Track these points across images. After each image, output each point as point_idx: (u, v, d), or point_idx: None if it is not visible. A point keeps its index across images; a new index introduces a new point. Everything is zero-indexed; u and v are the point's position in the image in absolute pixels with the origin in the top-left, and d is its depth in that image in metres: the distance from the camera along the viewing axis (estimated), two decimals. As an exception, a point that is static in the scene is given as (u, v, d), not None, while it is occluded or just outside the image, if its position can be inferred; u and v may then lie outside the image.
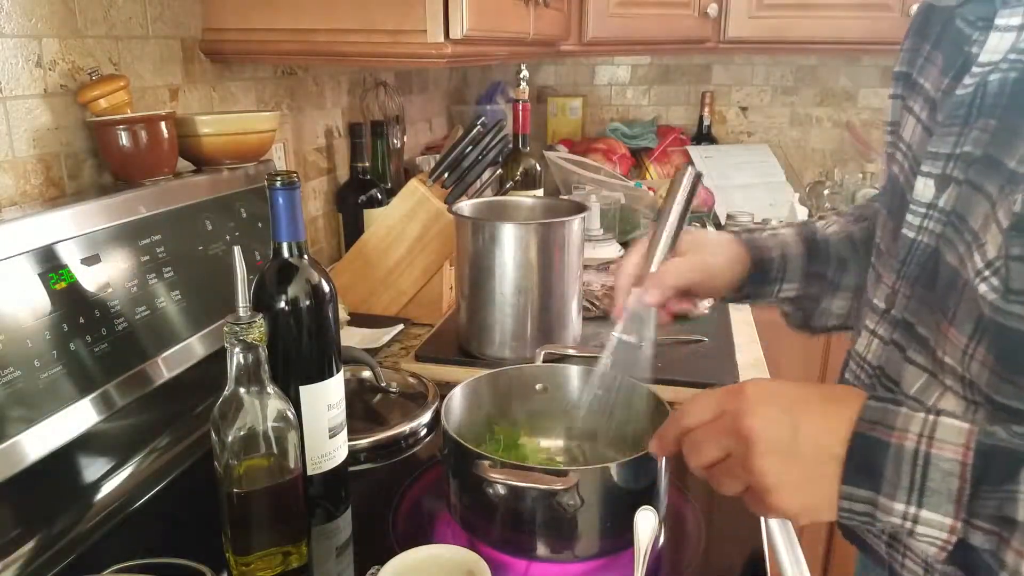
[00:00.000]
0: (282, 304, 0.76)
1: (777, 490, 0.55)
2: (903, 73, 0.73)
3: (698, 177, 0.78)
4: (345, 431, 0.84)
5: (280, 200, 0.74)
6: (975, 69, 0.58)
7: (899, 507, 0.52)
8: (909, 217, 0.64)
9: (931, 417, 0.53)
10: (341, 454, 0.83)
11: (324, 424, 0.80)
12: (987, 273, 0.54)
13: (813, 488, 0.54)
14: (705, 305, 1.44)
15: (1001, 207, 0.53)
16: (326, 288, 0.78)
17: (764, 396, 0.56)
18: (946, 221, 0.60)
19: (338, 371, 0.81)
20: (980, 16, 0.60)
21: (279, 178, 0.74)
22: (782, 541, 0.93)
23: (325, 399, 0.80)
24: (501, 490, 0.73)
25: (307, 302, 0.77)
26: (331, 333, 0.80)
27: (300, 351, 0.78)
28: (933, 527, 0.51)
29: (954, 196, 0.60)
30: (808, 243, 0.85)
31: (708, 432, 0.58)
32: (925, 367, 0.62)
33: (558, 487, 0.71)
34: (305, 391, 0.78)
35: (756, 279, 0.83)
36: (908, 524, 0.52)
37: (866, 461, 0.52)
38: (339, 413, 0.82)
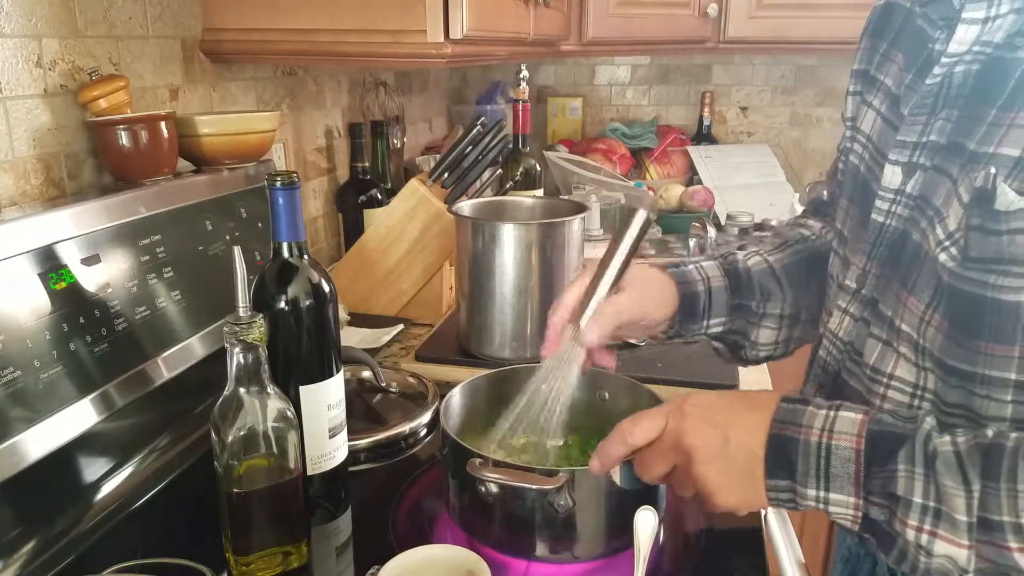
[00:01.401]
0: (282, 304, 0.76)
1: (718, 492, 0.64)
2: (862, 70, 0.78)
3: (648, 222, 0.79)
4: (345, 431, 0.84)
5: (280, 200, 0.74)
6: (944, 60, 0.62)
7: (811, 492, 0.60)
8: (878, 203, 0.68)
9: (831, 413, 0.61)
10: (341, 454, 0.83)
11: (324, 424, 0.80)
12: (947, 243, 0.59)
13: (746, 485, 0.63)
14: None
15: (962, 184, 0.59)
16: (326, 288, 0.79)
17: (698, 413, 0.65)
18: (913, 205, 0.65)
19: (338, 371, 0.81)
20: (942, 16, 0.64)
21: (279, 178, 0.74)
22: (782, 541, 0.93)
23: (325, 399, 0.80)
24: (495, 489, 0.73)
25: (307, 302, 0.77)
26: (331, 333, 0.80)
27: (300, 351, 0.78)
28: (840, 506, 0.60)
29: (920, 181, 0.64)
30: (730, 275, 0.86)
31: (655, 452, 0.67)
32: (881, 338, 0.68)
33: (548, 487, 0.71)
34: (305, 391, 0.78)
35: (685, 315, 0.84)
36: (821, 505, 0.61)
37: (782, 457, 0.61)
38: (339, 413, 0.82)
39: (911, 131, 0.65)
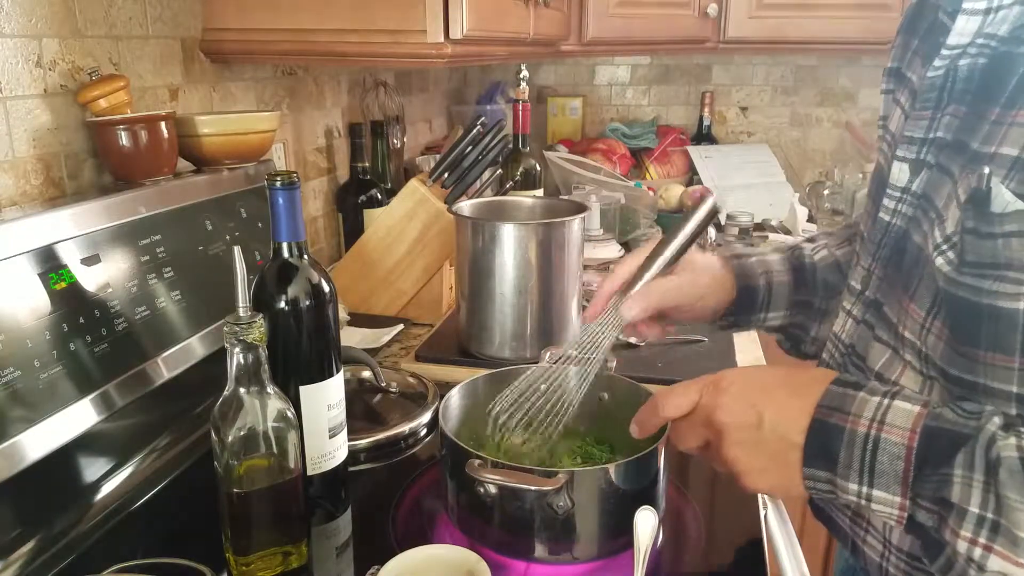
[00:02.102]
0: (282, 304, 0.76)
1: (747, 474, 0.61)
2: (894, 68, 0.75)
3: (716, 210, 0.79)
4: (345, 431, 0.84)
5: (280, 200, 0.74)
6: (944, 52, 0.60)
7: (853, 487, 0.57)
8: (885, 201, 0.67)
9: (885, 401, 0.57)
10: (341, 454, 0.83)
11: (324, 424, 0.80)
12: (944, 247, 0.57)
13: (779, 471, 0.60)
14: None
15: (961, 185, 0.56)
16: (326, 288, 0.79)
17: (735, 390, 0.62)
18: (917, 204, 0.63)
19: (338, 371, 0.81)
20: (955, 7, 0.61)
21: (279, 178, 0.74)
22: (782, 540, 0.93)
23: (325, 399, 0.80)
24: (493, 490, 0.73)
25: (307, 302, 0.77)
26: (331, 333, 0.80)
27: (300, 351, 0.78)
28: (884, 504, 0.56)
29: (925, 180, 0.63)
30: (795, 271, 0.85)
31: (687, 425, 0.65)
32: (889, 343, 0.66)
33: (547, 488, 0.71)
34: (305, 391, 0.78)
35: (741, 307, 0.83)
36: (863, 501, 0.57)
37: (823, 447, 0.57)
38: (339, 413, 0.82)
39: (918, 127, 0.63)
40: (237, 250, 0.70)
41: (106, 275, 0.86)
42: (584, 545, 0.75)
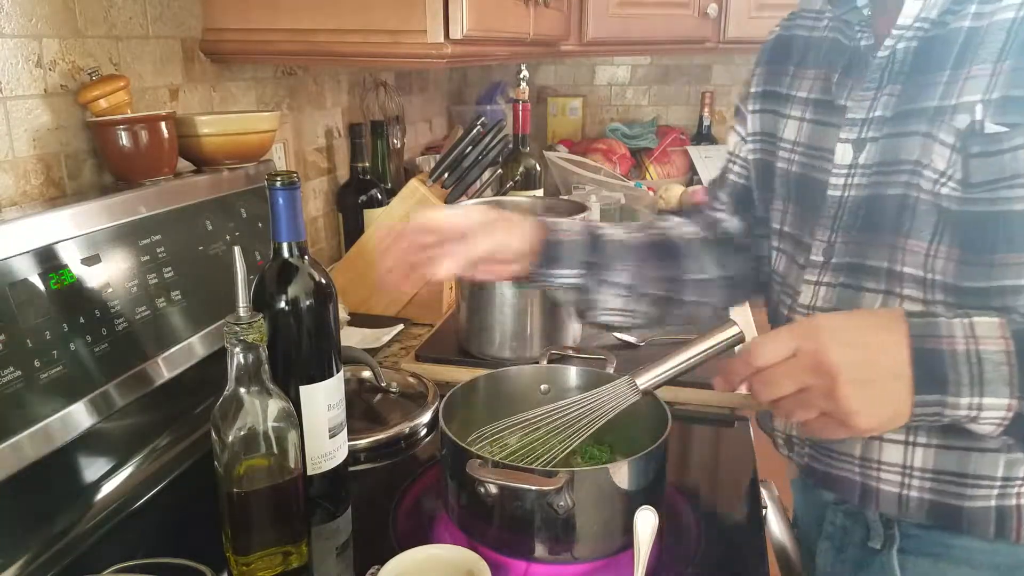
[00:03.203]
0: (282, 304, 0.76)
1: (860, 412, 0.61)
2: (767, 92, 0.90)
3: (740, 340, 0.81)
4: (345, 431, 0.84)
5: (280, 200, 0.74)
6: (894, 31, 0.71)
7: (964, 401, 0.61)
8: (832, 180, 0.77)
9: (964, 320, 0.62)
10: (341, 454, 0.83)
11: (324, 424, 0.80)
12: (943, 180, 0.67)
13: (889, 404, 0.62)
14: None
15: (940, 131, 0.68)
16: (326, 288, 0.79)
17: (836, 334, 0.63)
18: (874, 171, 0.74)
19: (338, 371, 0.81)
20: (861, 20, 0.77)
21: (279, 178, 0.74)
22: (782, 540, 0.93)
23: (325, 399, 0.80)
24: (494, 490, 0.73)
25: (307, 302, 0.77)
26: (331, 333, 0.80)
27: (300, 351, 0.78)
28: (994, 410, 0.61)
29: (875, 151, 0.74)
30: (591, 236, 0.90)
31: (786, 370, 0.64)
32: (879, 289, 0.74)
33: (548, 488, 0.71)
34: (305, 391, 0.78)
35: (545, 259, 0.87)
36: (973, 412, 0.61)
37: (930, 371, 0.61)
38: (339, 413, 0.82)
39: (859, 109, 0.75)
40: (237, 250, 0.70)
41: (106, 275, 0.86)
42: (584, 545, 0.75)
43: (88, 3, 0.97)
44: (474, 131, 1.38)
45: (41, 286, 0.77)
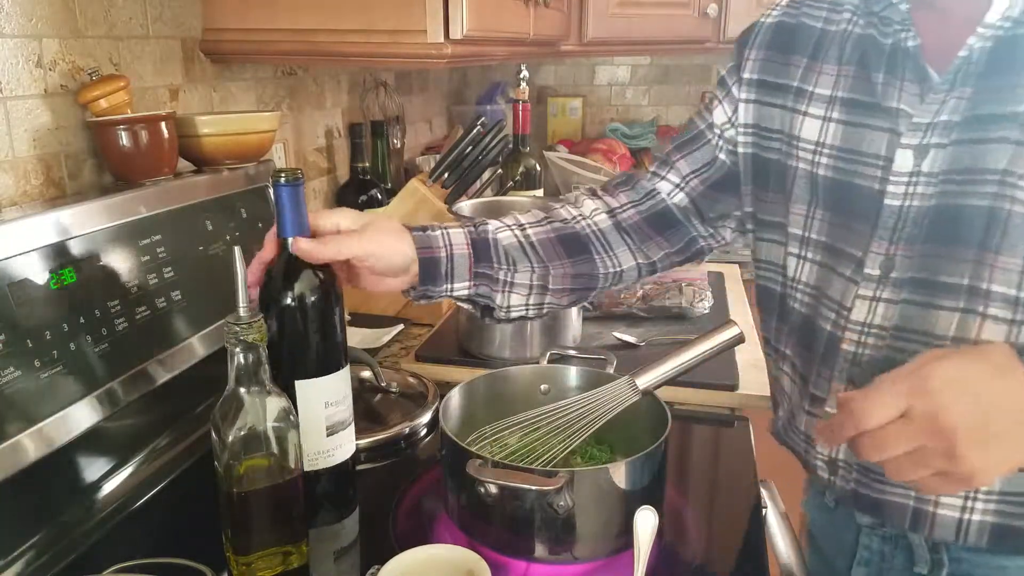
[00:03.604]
0: (288, 300, 0.76)
1: (982, 472, 0.58)
2: (765, 82, 0.84)
3: (740, 340, 0.82)
4: (350, 430, 0.83)
5: (284, 196, 0.74)
6: (980, 29, 0.66)
7: None
8: (891, 188, 0.72)
9: None
10: (342, 453, 0.83)
11: (320, 420, 0.79)
12: None
13: (1013, 454, 0.59)
14: (706, 305, 1.45)
15: None
16: (331, 285, 0.78)
17: (950, 386, 0.58)
18: (942, 180, 0.69)
19: (341, 368, 0.81)
20: (902, 18, 0.72)
21: (283, 174, 0.74)
22: (782, 541, 0.93)
23: (322, 395, 0.79)
24: (494, 490, 0.73)
25: (313, 298, 0.77)
26: (335, 329, 0.80)
27: (302, 346, 0.78)
28: None
29: (943, 158, 0.69)
30: (476, 244, 0.87)
31: (899, 432, 0.60)
32: (956, 307, 0.69)
33: (548, 488, 0.71)
34: (301, 386, 0.78)
35: (426, 277, 0.84)
36: None
37: None
38: (341, 410, 0.81)
39: (925, 112, 0.70)
40: (237, 250, 0.70)
41: (106, 275, 0.86)
42: (584, 545, 0.75)
43: (88, 3, 0.97)
44: (474, 131, 1.38)
45: (41, 286, 0.77)
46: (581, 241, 0.91)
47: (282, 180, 0.74)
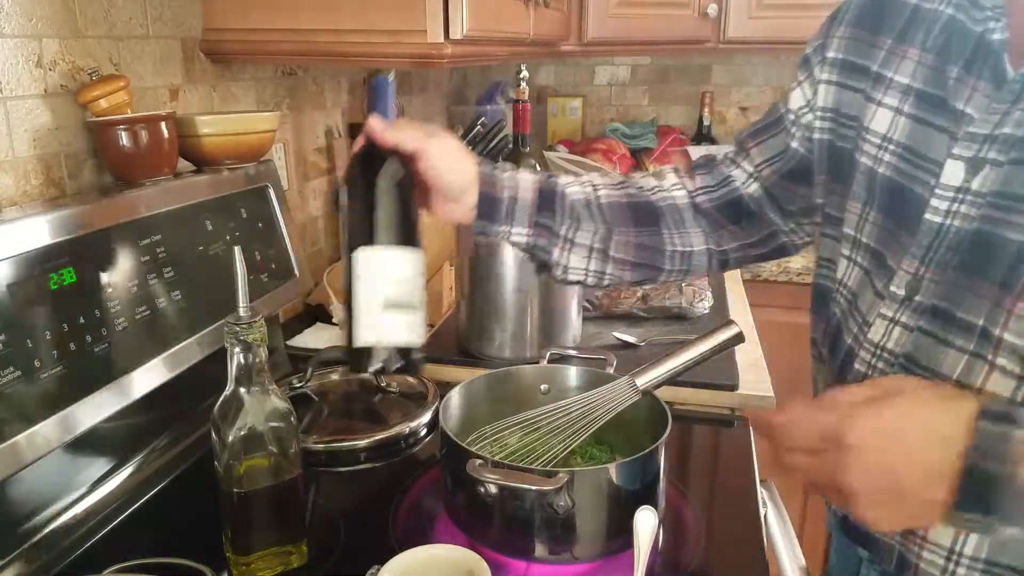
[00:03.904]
0: (361, 173, 0.76)
1: (879, 524, 0.56)
2: (849, 63, 0.75)
3: (740, 339, 0.81)
4: (415, 317, 0.73)
5: (379, 85, 0.78)
6: None
7: (1013, 531, 0.52)
8: (934, 202, 0.64)
9: None
10: (399, 336, 0.71)
11: (378, 292, 0.72)
12: None
13: (918, 520, 0.56)
14: (706, 305, 1.45)
15: None
16: (407, 176, 0.77)
17: (863, 452, 0.55)
18: (989, 202, 0.61)
19: (412, 250, 0.75)
20: (995, 4, 0.62)
21: (381, 71, 0.76)
22: (782, 540, 0.93)
23: (383, 268, 0.73)
24: (494, 490, 0.73)
25: (383, 177, 0.75)
26: (400, 213, 0.76)
27: (370, 219, 0.74)
28: None
29: (994, 177, 0.60)
30: (542, 192, 0.84)
31: (808, 465, 0.59)
32: (966, 349, 0.62)
33: (548, 488, 0.71)
34: (364, 254, 0.72)
35: (484, 214, 0.82)
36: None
37: (979, 493, 0.52)
38: (405, 291, 0.72)
39: (985, 122, 0.61)
40: (237, 250, 0.70)
41: (106, 275, 0.86)
42: (584, 545, 0.75)
43: (88, 3, 0.97)
44: (474, 131, 1.38)
45: (41, 286, 0.77)
46: (652, 211, 0.86)
47: (380, 73, 0.76)
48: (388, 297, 0.72)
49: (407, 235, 0.75)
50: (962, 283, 0.62)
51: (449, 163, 0.78)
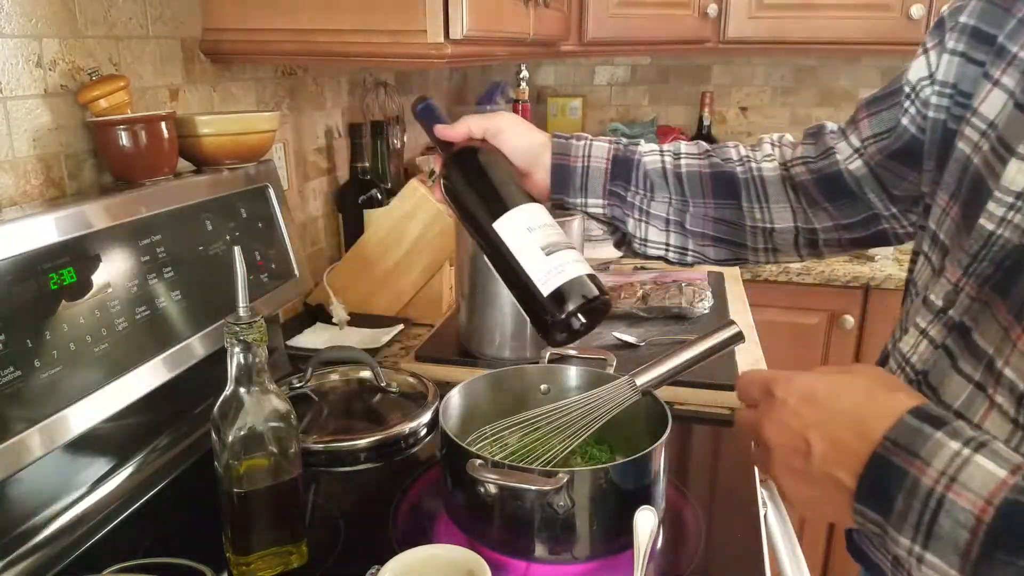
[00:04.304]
0: (455, 166, 0.83)
1: (794, 500, 0.56)
2: (974, 28, 0.63)
3: (740, 339, 0.80)
4: (574, 252, 0.77)
5: (429, 106, 0.85)
6: None
7: (904, 542, 0.48)
8: (991, 206, 0.55)
9: (965, 451, 0.47)
10: (575, 269, 0.75)
11: (533, 244, 0.76)
12: None
13: (827, 505, 0.53)
14: (706, 305, 1.45)
15: None
16: (493, 151, 0.83)
17: (788, 407, 0.54)
18: None
19: (531, 203, 0.79)
20: None
21: (425, 96, 0.87)
22: (782, 540, 0.93)
23: (520, 224, 0.77)
24: (494, 490, 0.73)
25: (472, 158, 0.82)
26: (503, 179, 0.81)
27: (484, 195, 0.80)
28: (938, 571, 0.47)
29: None
30: (617, 161, 0.82)
31: (743, 417, 0.60)
32: (972, 378, 0.56)
33: (548, 488, 0.71)
34: (499, 224, 0.77)
35: (558, 184, 0.82)
36: (913, 560, 0.48)
37: (878, 487, 0.49)
38: (551, 233, 0.77)
39: None
40: (237, 250, 0.70)
41: (106, 275, 0.86)
42: (584, 545, 0.75)
43: (88, 3, 0.97)
44: (474, 131, 1.38)
45: (41, 286, 0.77)
46: (734, 184, 0.81)
47: (425, 98, 0.87)
48: (543, 244, 0.75)
49: (520, 194, 0.80)
50: (992, 304, 0.55)
51: (515, 133, 0.81)
